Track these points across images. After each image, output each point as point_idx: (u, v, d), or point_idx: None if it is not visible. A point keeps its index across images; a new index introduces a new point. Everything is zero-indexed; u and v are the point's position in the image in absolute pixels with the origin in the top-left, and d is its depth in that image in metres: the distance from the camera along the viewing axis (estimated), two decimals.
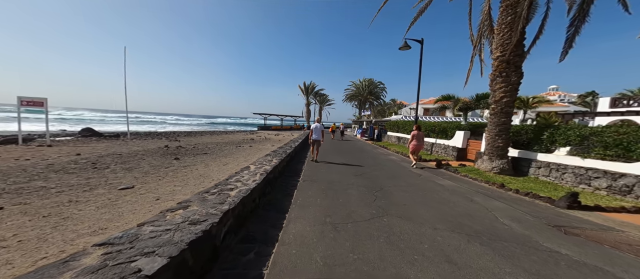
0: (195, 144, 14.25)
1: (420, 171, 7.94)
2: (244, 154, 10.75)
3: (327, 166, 8.17)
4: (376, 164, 9.06)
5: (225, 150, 12.15)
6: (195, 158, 9.22)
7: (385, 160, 10.26)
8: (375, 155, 11.75)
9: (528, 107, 22.47)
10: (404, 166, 8.76)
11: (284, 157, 6.64)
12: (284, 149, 8.50)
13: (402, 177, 6.87)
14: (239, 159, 9.30)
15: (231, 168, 7.52)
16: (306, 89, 43.95)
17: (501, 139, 6.51)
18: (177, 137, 19.26)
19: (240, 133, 31.40)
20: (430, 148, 11.98)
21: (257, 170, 4.73)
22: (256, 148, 13.64)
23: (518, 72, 6.30)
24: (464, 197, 5.08)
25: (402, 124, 16.31)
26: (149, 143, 13.65)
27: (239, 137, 22.92)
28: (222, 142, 16.91)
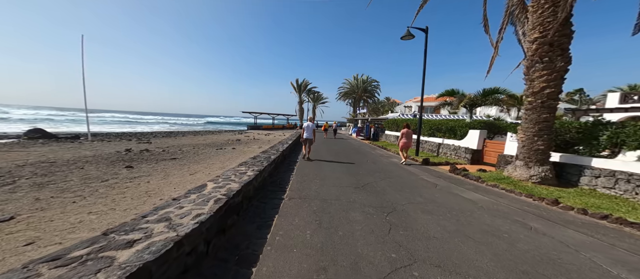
0: (168, 147, 12.44)
1: (436, 179, 6.53)
2: (222, 159, 9.09)
3: (322, 173, 6.67)
4: (379, 170, 7.60)
5: (201, 154, 10.43)
6: (156, 166, 7.49)
7: (388, 164, 8.82)
8: (375, 158, 10.30)
9: (522, 104, 21.55)
10: (411, 172, 7.34)
11: (264, 166, 5.07)
12: (268, 155, 6.91)
13: (416, 189, 5.43)
14: (212, 166, 7.65)
15: (199, 179, 5.89)
16: (299, 87, 42.25)
17: (542, 140, 5.15)
18: (151, 139, 17.31)
19: (228, 133, 29.46)
20: (436, 149, 10.64)
21: (215, 191, 3.14)
22: (240, 151, 11.97)
23: (565, 55, 4.95)
24: (514, 222, 3.65)
25: (402, 123, 14.94)
26: (109, 146, 11.75)
27: (224, 138, 21.09)
28: (203, 143, 15.11)
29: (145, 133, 25.19)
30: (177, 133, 27.01)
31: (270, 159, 5.90)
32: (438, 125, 10.81)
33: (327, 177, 6.21)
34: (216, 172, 6.62)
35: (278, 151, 7.63)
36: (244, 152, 11.10)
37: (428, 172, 7.34)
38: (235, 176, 4.08)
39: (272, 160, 5.99)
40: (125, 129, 31.94)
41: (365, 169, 7.55)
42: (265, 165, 5.24)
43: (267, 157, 6.23)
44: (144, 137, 19.11)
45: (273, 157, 6.36)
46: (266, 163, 5.44)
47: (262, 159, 5.88)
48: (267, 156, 6.45)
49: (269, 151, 7.70)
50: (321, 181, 5.81)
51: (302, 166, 7.58)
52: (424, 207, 4.25)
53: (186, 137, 21.93)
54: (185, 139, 18.25)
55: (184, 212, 2.38)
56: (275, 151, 7.64)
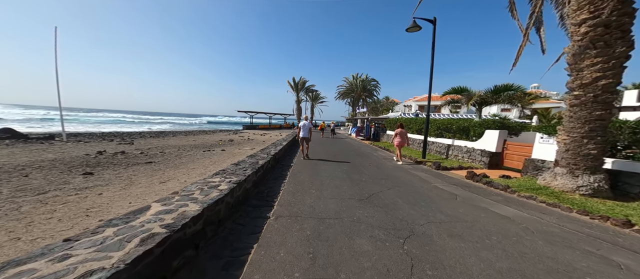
0: (150, 148, 11.33)
1: (453, 187, 5.54)
2: (206, 163, 8.04)
3: (318, 179, 5.66)
4: (384, 175, 6.59)
5: (185, 156, 9.35)
6: (123, 171, 6.42)
7: (393, 168, 7.81)
8: (378, 161, 9.29)
9: (524, 103, 20.54)
10: (423, 179, 6.33)
11: (247, 176, 4.05)
12: (256, 159, 5.88)
13: (432, 201, 4.43)
14: (192, 172, 6.59)
15: (169, 188, 4.85)
16: (296, 85, 41.15)
17: (594, 142, 4.16)
18: (135, 139, 16.12)
19: (222, 133, 28.32)
20: (445, 151, 9.64)
21: (155, 220, 2.10)
22: (229, 153, 10.90)
23: (626, 39, 3.95)
24: (586, 254, 2.66)
25: (406, 122, 13.96)
26: (81, 148, 10.60)
27: (216, 138, 19.97)
28: (191, 144, 14.01)
29: (133, 133, 23.98)
30: (169, 133, 25.80)
31: (256, 166, 4.86)
32: (447, 125, 9.81)
33: (324, 186, 5.19)
34: (194, 179, 5.56)
35: (268, 155, 6.58)
36: (233, 155, 10.04)
37: (441, 179, 6.35)
38: (201, 191, 3.04)
39: (258, 166, 4.95)
40: (119, 129, 30.66)
41: (368, 175, 6.53)
42: (249, 174, 4.20)
43: (253, 164, 5.18)
44: (130, 138, 17.93)
45: (261, 163, 5.32)
46: (250, 171, 4.40)
47: (247, 166, 4.83)
48: (253, 162, 5.41)
49: (258, 154, 6.65)
50: (318, 191, 4.79)
51: (296, 171, 6.56)
52: (451, 229, 3.24)
53: (177, 137, 20.77)
54: (174, 140, 17.12)
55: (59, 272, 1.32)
56: (266, 155, 6.60)
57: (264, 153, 6.86)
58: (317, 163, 8.09)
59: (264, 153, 6.85)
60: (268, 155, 6.55)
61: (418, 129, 12.08)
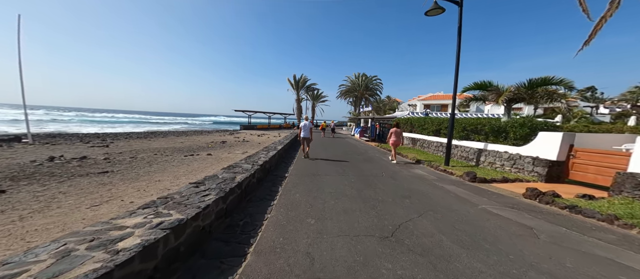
0: (123, 152, 9.80)
1: (515, 213, 3.97)
2: (179, 173, 6.51)
3: (319, 200, 4.17)
4: (407, 192, 5.05)
5: (157, 163, 7.81)
6: (58, 186, 4.91)
7: (415, 179, 6.25)
8: (391, 168, 7.76)
9: (539, 101, 18.75)
10: (463, 198, 4.77)
11: (200, 210, 2.48)
12: (233, 173, 4.37)
13: (501, 242, 2.92)
14: (151, 188, 5.07)
15: (99, 215, 3.28)
16: (296, 83, 39.58)
17: None
18: (115, 141, 14.58)
19: (217, 133, 26.81)
20: (474, 157, 7.97)
21: None
22: (216, 158, 9.37)
23: None
24: None
25: (419, 122, 12.38)
26: (39, 152, 9.09)
27: (207, 140, 18.46)
28: (174, 147, 12.49)
29: (121, 134, 22.49)
30: (161, 133, 24.29)
31: (226, 189, 3.31)
32: (475, 125, 8.15)
33: (328, 211, 3.67)
34: (149, 197, 4.04)
35: (254, 165, 5.03)
36: (218, 160, 8.51)
37: (487, 197, 4.77)
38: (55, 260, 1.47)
39: (232, 187, 3.41)
40: (111, 129, 29.23)
41: (384, 190, 4.99)
42: (208, 203, 2.66)
43: (225, 182, 3.64)
44: (113, 139, 16.42)
45: (239, 180, 3.78)
46: (214, 197, 2.87)
47: (213, 187, 3.28)
48: (227, 178, 3.87)
49: (240, 165, 5.10)
50: (318, 222, 3.28)
51: (291, 186, 5.02)
52: None
53: (166, 138, 19.26)
54: (160, 142, 15.57)
55: None
56: (250, 165, 5.05)
57: (249, 163, 5.29)
58: (317, 172, 6.55)
59: (248, 163, 5.29)
60: (253, 166, 5.00)
61: (436, 130, 10.46)
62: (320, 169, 7.17)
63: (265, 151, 7.60)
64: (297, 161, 8.36)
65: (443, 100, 35.59)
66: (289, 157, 9.09)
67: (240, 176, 4.01)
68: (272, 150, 7.73)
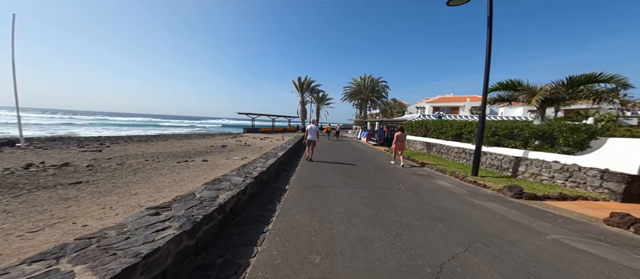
0: (111, 158, 9.06)
1: (608, 250, 2.91)
2: (163, 184, 5.66)
3: (326, 223, 3.32)
4: (438, 211, 4.08)
5: (144, 171, 7.00)
6: (8, 202, 4.07)
7: (441, 193, 5.22)
8: (410, 178, 6.72)
9: (560, 103, 17.30)
10: (517, 223, 3.76)
11: (189, 227, 1.52)
12: (216, 191, 3.51)
13: None
14: (121, 203, 4.18)
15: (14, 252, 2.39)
16: (301, 85, 38.85)
17: None
18: (111, 145, 13.94)
19: (219, 137, 26.18)
20: (509, 166, 6.81)
21: None
22: (211, 165, 8.53)
23: None
24: None
25: (435, 126, 11.28)
26: (22, 157, 8.42)
27: (207, 144, 17.74)
28: (174, 151, 11.74)
29: (123, 137, 22.05)
30: (162, 137, 23.79)
31: (197, 217, 2.39)
32: (511, 129, 6.94)
33: (337, 243, 2.75)
34: (108, 221, 3.16)
35: (245, 179, 4.13)
36: (213, 168, 7.66)
37: (550, 222, 3.72)
38: None
39: (202, 218, 2.48)
40: (122, 133, 29.02)
41: (408, 210, 4.01)
42: (161, 244, 1.74)
43: (200, 207, 2.72)
44: (109, 143, 15.84)
45: (222, 201, 2.88)
46: (173, 233, 1.96)
47: (180, 214, 2.38)
48: (210, 196, 2.97)
49: (229, 178, 4.20)
50: (325, 259, 2.39)
51: (291, 203, 4.10)
52: None
53: (168, 142, 18.63)
54: (157, 146, 14.87)
55: None
56: (242, 178, 4.15)
57: (241, 175, 4.38)
58: (323, 183, 5.61)
59: (240, 175, 4.37)
60: (246, 179, 4.08)
61: (456, 135, 9.33)
62: (327, 179, 6.21)
63: (264, 158, 6.69)
64: (301, 168, 7.43)
65: (454, 102, 34.22)
66: (292, 164, 8.17)
67: (224, 195, 3.09)
68: (272, 157, 6.81)
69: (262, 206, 4.11)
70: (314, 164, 8.14)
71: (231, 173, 4.42)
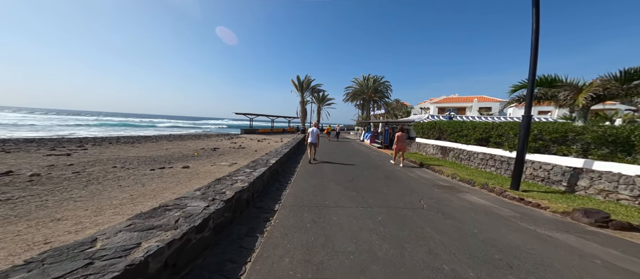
0: (77, 164, 7.77)
1: None
2: (114, 203, 4.36)
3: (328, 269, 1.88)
4: (490, 246, 2.82)
5: (97, 184, 5.71)
6: None
7: (479, 214, 3.94)
8: (432, 193, 5.44)
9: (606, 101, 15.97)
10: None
11: None
12: (158, 221, 2.15)
13: None
14: (13, 242, 2.88)
15: None
16: (301, 85, 37.60)
17: None
18: (89, 147, 12.66)
19: (213, 138, 24.94)
20: (561, 179, 5.15)
21: None
22: (193, 172, 7.27)
23: None
24: None
25: (452, 128, 9.92)
26: None
27: (197, 146, 16.50)
28: (153, 156, 10.49)
29: (107, 138, 20.83)
30: (152, 138, 22.54)
31: None
32: (563, 132, 5.40)
33: None
34: None
35: (209, 206, 2.86)
36: (193, 177, 6.39)
37: None
38: None
39: None
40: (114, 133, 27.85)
41: (447, 247, 2.76)
42: None
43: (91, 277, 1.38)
44: (89, 145, 14.57)
45: (141, 257, 1.56)
46: None
47: None
48: (125, 246, 1.65)
49: (184, 203, 2.92)
50: None
51: (277, 238, 2.84)
52: None
53: (155, 143, 17.39)
54: (140, 148, 13.58)
55: None
56: (205, 203, 2.87)
57: (207, 196, 3.08)
58: (324, 201, 4.34)
59: (205, 197, 3.07)
60: (211, 205, 2.79)
61: (482, 139, 7.95)
62: (328, 193, 4.94)
63: (251, 167, 5.41)
64: (297, 179, 6.16)
65: (460, 103, 32.89)
66: (287, 173, 6.90)
67: (152, 243, 1.79)
68: (261, 166, 5.53)
69: (235, 241, 2.84)
70: (314, 173, 6.89)
71: (194, 193, 3.13)
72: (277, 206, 4.18)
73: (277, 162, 6.54)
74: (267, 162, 5.98)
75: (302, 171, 7.27)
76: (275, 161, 6.29)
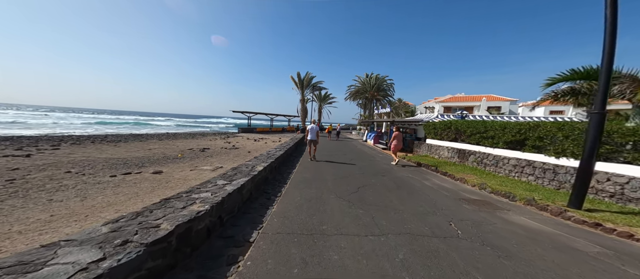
0: (25, 168, 6.54)
1: None
2: (13, 230, 3.11)
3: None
4: None
5: (17, 199, 4.44)
6: None
7: (558, 255, 2.68)
8: (462, 212, 4.21)
9: None
10: None
11: None
12: None
13: None
14: None
15: None
16: (301, 82, 36.35)
17: None
18: (62, 146, 11.41)
19: (208, 137, 23.74)
20: None
21: None
22: (165, 179, 6.07)
23: None
24: None
25: (473, 128, 8.60)
26: None
27: (188, 145, 15.31)
28: (127, 158, 9.29)
29: (89, 136, 19.65)
30: (142, 136, 21.37)
31: None
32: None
33: None
34: None
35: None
36: (153, 189, 5.19)
37: None
38: None
39: None
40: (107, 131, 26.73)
41: None
42: None
43: None
44: (65, 143, 13.37)
45: None
46: None
47: None
48: None
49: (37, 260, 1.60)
50: None
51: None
52: None
53: (141, 143, 16.21)
54: (121, 149, 12.35)
55: None
56: (103, 253, 1.56)
57: (108, 242, 1.82)
58: (321, 226, 3.12)
59: (101, 247, 1.82)
60: (128, 254, 1.54)
61: (515, 141, 6.58)
62: (328, 211, 3.72)
63: (229, 177, 4.18)
64: (290, 188, 4.94)
65: (467, 102, 31.45)
66: (279, 180, 5.68)
67: None
68: (242, 176, 4.30)
69: None
70: (311, 182, 5.67)
71: (93, 232, 1.88)
72: (255, 234, 2.96)
73: (266, 169, 5.30)
74: (251, 171, 4.75)
75: (298, 177, 6.04)
76: (262, 168, 5.05)
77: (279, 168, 7.01)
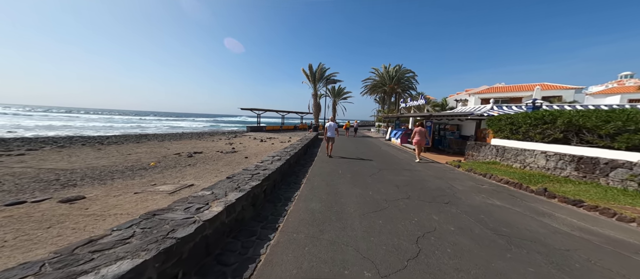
0: None
1: None
2: None
3: None
4: None
5: None
6: None
7: None
8: None
9: None
10: None
11: None
12: None
13: None
14: None
15: None
16: (313, 75, 33.59)
17: None
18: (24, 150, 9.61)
19: (206, 137, 21.81)
20: None
21: None
22: (63, 218, 3.66)
23: None
24: None
25: (588, 118, 5.48)
26: None
27: (181, 148, 13.26)
28: (74, 169, 7.16)
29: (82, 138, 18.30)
30: (130, 137, 19.80)
31: None
32: None
33: None
34: None
35: None
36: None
37: None
38: None
39: None
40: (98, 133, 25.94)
41: None
42: None
43: None
44: (47, 146, 11.74)
45: None
46: None
47: None
48: None
49: None
50: None
51: None
52: None
53: (120, 146, 14.43)
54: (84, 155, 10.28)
55: None
56: None
57: None
58: None
59: None
60: None
61: None
62: None
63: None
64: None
65: (511, 92, 26.76)
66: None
67: None
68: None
69: None
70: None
71: None
72: None
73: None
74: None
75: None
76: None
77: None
